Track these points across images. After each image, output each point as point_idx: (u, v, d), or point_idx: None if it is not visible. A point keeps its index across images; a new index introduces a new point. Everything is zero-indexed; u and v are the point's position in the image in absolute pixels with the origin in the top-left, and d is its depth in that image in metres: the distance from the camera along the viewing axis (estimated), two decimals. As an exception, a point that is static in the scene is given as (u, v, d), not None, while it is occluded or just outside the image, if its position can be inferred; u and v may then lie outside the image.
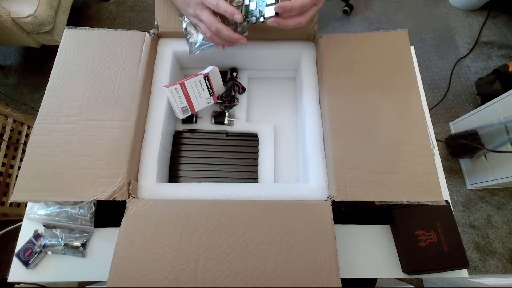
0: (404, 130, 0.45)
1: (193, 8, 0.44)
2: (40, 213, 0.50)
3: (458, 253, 0.48)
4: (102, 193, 0.41)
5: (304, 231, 0.40)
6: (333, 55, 0.51)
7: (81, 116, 0.46)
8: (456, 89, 1.47)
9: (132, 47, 0.50)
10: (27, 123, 1.18)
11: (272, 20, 0.42)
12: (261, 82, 0.64)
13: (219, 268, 0.38)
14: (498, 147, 1.07)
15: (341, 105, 0.47)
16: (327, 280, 0.38)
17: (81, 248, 0.50)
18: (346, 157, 0.44)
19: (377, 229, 0.53)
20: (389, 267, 0.51)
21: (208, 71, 0.53)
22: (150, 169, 0.47)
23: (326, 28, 1.63)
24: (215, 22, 0.43)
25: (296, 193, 0.45)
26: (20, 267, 0.49)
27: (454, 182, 1.31)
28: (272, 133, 0.58)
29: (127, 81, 0.48)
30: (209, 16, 0.43)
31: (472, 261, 1.18)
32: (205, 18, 0.43)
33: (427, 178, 0.43)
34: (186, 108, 0.53)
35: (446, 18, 1.63)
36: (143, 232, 0.40)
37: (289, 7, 0.40)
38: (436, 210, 0.51)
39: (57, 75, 0.48)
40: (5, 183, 1.06)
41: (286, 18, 0.42)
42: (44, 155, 0.43)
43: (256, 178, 0.55)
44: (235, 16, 0.42)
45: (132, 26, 1.62)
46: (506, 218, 1.24)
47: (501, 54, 1.52)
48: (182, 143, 0.57)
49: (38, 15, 1.17)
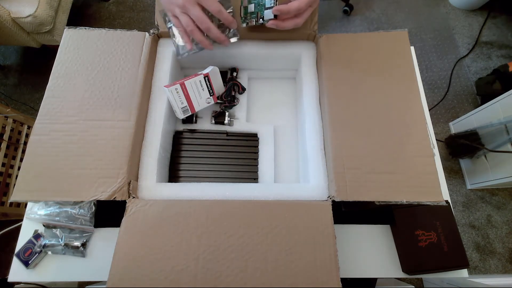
0: (404, 130, 0.45)
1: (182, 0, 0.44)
2: (40, 213, 0.50)
3: (458, 253, 0.48)
4: (102, 193, 0.41)
5: (304, 231, 0.40)
6: (333, 55, 0.51)
7: (81, 116, 0.46)
8: (456, 89, 1.47)
9: (132, 47, 0.50)
10: (27, 123, 1.18)
11: (271, 23, 0.46)
12: (261, 82, 0.64)
13: (219, 268, 0.38)
14: (498, 147, 1.07)
15: (341, 105, 0.47)
16: (327, 280, 0.38)
17: (81, 248, 0.50)
18: (346, 157, 0.44)
19: (377, 229, 0.53)
20: (389, 267, 0.51)
21: (208, 71, 0.53)
22: (150, 169, 0.47)
23: (326, 28, 1.63)
24: (206, 20, 0.44)
25: (296, 193, 0.45)
26: (20, 267, 0.49)
27: (454, 182, 1.31)
28: (272, 133, 0.58)
29: (127, 81, 0.48)
30: (200, 13, 0.44)
31: (472, 261, 1.18)
32: (195, 13, 0.44)
33: (427, 178, 0.43)
34: (186, 108, 0.53)
35: (446, 18, 1.63)
36: (143, 232, 0.40)
37: (286, 9, 0.44)
38: (436, 210, 0.51)
39: (57, 75, 0.48)
40: (5, 183, 1.06)
41: (283, 20, 0.46)
42: (44, 155, 0.43)
43: (256, 178, 0.55)
44: (232, 24, 0.47)
45: (132, 26, 1.62)
46: (506, 218, 1.24)
47: (501, 54, 1.52)
48: (182, 143, 0.57)
49: (38, 15, 1.17)
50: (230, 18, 0.45)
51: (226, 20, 0.45)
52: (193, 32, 0.46)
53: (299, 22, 0.46)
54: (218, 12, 0.44)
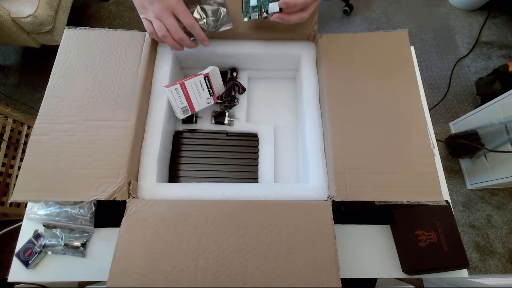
0: (404, 130, 0.45)
1: (158, 8, 0.44)
2: (40, 213, 0.50)
3: (458, 253, 0.48)
4: (102, 193, 0.41)
5: (304, 231, 0.40)
6: (333, 55, 0.51)
7: (81, 116, 0.46)
8: (456, 89, 1.47)
9: (132, 47, 0.50)
10: (27, 123, 1.18)
11: (276, 16, 0.44)
12: (261, 82, 0.64)
13: (219, 268, 0.38)
14: (498, 147, 1.07)
15: (341, 105, 0.47)
16: (327, 280, 0.38)
17: (81, 248, 0.50)
18: (346, 157, 0.44)
19: (377, 229, 0.53)
20: (389, 267, 0.51)
21: (208, 71, 0.53)
22: (150, 169, 0.47)
23: (326, 28, 1.63)
24: (179, 32, 0.45)
25: (296, 193, 0.45)
26: (20, 267, 0.49)
27: (454, 182, 1.31)
28: (272, 133, 0.58)
29: (127, 81, 0.48)
30: (174, 23, 0.45)
31: (472, 261, 1.18)
32: (170, 24, 0.45)
33: (427, 178, 0.43)
34: (186, 108, 0.53)
35: (446, 18, 1.63)
36: (143, 232, 0.40)
37: (293, 2, 0.43)
38: (436, 210, 0.51)
39: (57, 75, 0.48)
40: (5, 183, 1.06)
41: (289, 14, 0.44)
42: (44, 155, 0.43)
43: (256, 178, 0.55)
44: (204, 42, 0.48)
45: (132, 26, 1.62)
46: (506, 218, 1.24)
47: (501, 54, 1.52)
48: (182, 143, 0.57)
49: (38, 15, 1.16)
50: (202, 35, 0.46)
51: (198, 36, 0.47)
52: (164, 38, 0.46)
53: (304, 16, 0.45)
54: (191, 27, 0.45)
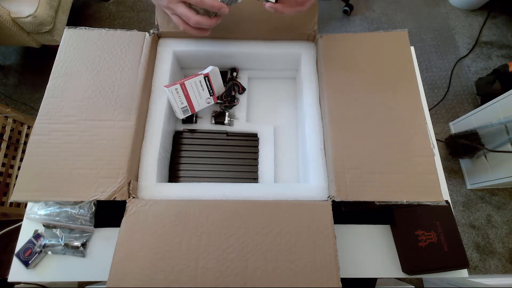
0: (404, 130, 0.45)
1: (166, 1, 0.43)
2: (40, 213, 0.50)
3: (458, 253, 0.48)
4: (102, 193, 0.41)
5: (304, 231, 0.40)
6: (333, 55, 0.51)
7: (81, 116, 0.46)
8: (456, 89, 1.47)
9: (132, 47, 0.50)
10: (27, 123, 1.18)
11: (270, 6, 0.42)
12: (261, 82, 0.64)
13: (219, 268, 0.38)
14: (498, 147, 1.07)
15: (341, 105, 0.47)
16: (327, 280, 0.38)
17: (81, 248, 0.50)
18: (346, 157, 0.44)
19: (377, 229, 0.53)
20: (389, 267, 0.51)
21: (208, 71, 0.53)
22: (150, 169, 0.47)
23: (326, 28, 1.63)
24: (192, 16, 0.42)
25: (296, 193, 0.45)
26: (20, 267, 0.49)
27: (454, 182, 1.31)
28: (272, 133, 0.58)
29: (127, 81, 0.48)
30: (184, 10, 0.43)
31: (472, 261, 1.18)
32: (181, 12, 0.43)
33: (427, 178, 0.43)
34: (186, 108, 0.53)
35: (446, 18, 1.63)
36: (143, 232, 0.40)
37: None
38: (436, 210, 0.51)
39: (57, 75, 0.48)
40: (5, 183, 1.06)
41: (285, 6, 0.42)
42: (44, 155, 0.43)
43: (256, 178, 0.55)
44: (223, 9, 0.42)
45: (132, 26, 1.62)
46: (506, 218, 1.24)
47: (501, 54, 1.52)
48: (182, 143, 0.57)
49: (38, 15, 1.16)
50: (216, 4, 0.41)
51: (213, 8, 0.42)
52: (186, 30, 0.45)
53: (302, 9, 0.44)
54: (200, 3, 0.41)
